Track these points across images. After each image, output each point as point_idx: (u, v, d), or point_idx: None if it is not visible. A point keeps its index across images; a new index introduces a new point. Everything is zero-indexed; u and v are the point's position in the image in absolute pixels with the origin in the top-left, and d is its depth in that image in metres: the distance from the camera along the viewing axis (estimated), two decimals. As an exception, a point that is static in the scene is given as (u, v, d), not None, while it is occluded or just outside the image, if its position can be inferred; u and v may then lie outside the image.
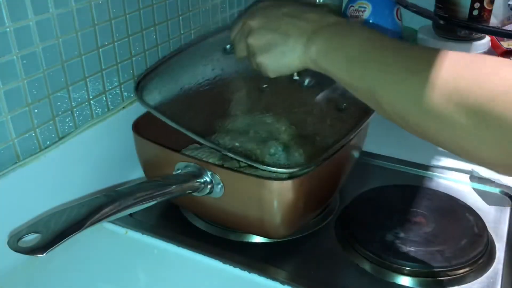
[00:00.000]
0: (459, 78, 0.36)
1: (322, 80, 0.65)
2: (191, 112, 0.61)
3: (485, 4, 0.84)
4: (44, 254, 0.40)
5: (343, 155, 0.57)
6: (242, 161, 0.54)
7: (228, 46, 0.67)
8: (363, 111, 0.64)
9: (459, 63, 0.38)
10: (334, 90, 0.69)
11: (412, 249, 0.56)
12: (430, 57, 0.39)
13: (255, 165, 0.52)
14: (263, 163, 0.53)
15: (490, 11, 0.86)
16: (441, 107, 0.37)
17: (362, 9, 0.89)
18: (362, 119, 0.62)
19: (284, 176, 0.52)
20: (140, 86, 0.60)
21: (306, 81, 0.62)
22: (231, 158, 0.55)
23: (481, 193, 0.68)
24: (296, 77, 0.61)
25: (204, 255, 0.56)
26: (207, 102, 0.62)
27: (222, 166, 0.53)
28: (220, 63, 0.67)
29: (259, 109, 0.60)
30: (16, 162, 0.56)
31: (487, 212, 0.64)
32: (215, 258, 0.55)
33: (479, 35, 0.87)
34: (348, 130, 0.59)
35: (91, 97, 0.64)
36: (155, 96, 0.60)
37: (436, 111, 0.38)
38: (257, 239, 0.60)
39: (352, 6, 0.90)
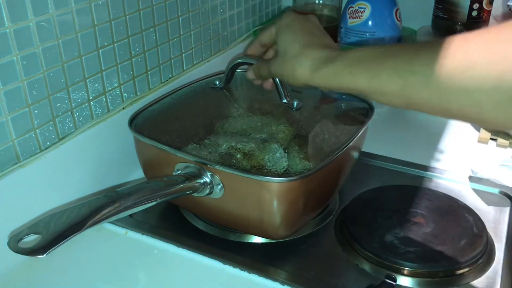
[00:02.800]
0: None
1: (309, 101, 0.67)
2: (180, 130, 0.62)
3: (484, 4, 0.84)
4: (45, 255, 0.40)
5: (343, 156, 0.57)
6: (241, 162, 0.54)
7: (217, 82, 0.68)
8: (363, 114, 0.65)
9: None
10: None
11: (411, 249, 0.56)
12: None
13: (247, 176, 0.52)
14: (255, 171, 0.53)
15: (489, 11, 0.86)
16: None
17: (362, 9, 0.89)
18: (362, 122, 0.62)
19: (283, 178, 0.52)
20: (133, 122, 0.63)
21: (295, 103, 0.62)
22: (231, 157, 0.55)
23: (480, 194, 0.68)
24: (284, 101, 0.62)
25: (204, 255, 0.56)
26: (198, 125, 0.63)
27: (222, 165, 0.53)
28: (210, 97, 0.69)
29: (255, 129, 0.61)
30: (16, 163, 0.56)
31: (487, 212, 0.64)
32: (215, 259, 0.55)
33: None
34: (348, 135, 0.60)
35: (91, 98, 0.64)
36: (147, 125, 0.62)
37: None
38: (257, 239, 0.60)
39: (351, 6, 0.90)
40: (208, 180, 0.53)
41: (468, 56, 0.38)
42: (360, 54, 0.47)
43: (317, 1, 0.99)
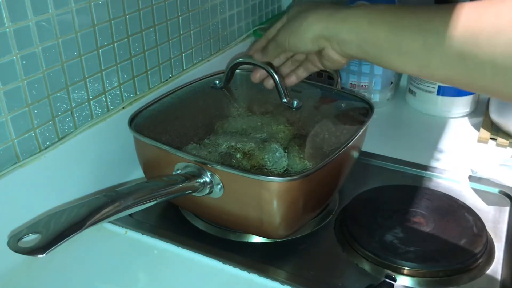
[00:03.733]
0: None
1: (309, 101, 0.66)
2: (179, 130, 0.62)
3: (484, 4, 0.84)
4: (44, 254, 0.40)
5: (343, 156, 0.57)
6: (241, 162, 0.54)
7: (217, 82, 0.68)
8: (363, 114, 0.65)
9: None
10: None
11: (411, 249, 0.56)
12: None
13: (246, 175, 0.52)
14: (255, 171, 0.53)
15: (489, 11, 0.86)
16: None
17: (361, 9, 0.89)
18: (362, 122, 0.62)
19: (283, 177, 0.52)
20: (133, 121, 0.62)
21: (295, 103, 0.62)
22: (231, 157, 0.55)
23: (480, 193, 0.68)
24: (284, 100, 0.62)
25: (204, 255, 0.56)
26: (197, 125, 0.63)
27: (221, 165, 0.53)
28: (210, 96, 0.69)
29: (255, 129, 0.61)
30: (16, 163, 0.56)
31: (486, 212, 0.64)
32: (215, 258, 0.55)
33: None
34: (348, 134, 0.60)
35: (90, 97, 0.64)
36: (147, 125, 0.62)
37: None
38: (257, 239, 0.60)
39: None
40: (208, 179, 0.53)
41: (499, 19, 0.36)
42: (379, 7, 0.45)
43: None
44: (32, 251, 0.40)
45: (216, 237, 0.61)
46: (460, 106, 0.90)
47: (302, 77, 0.61)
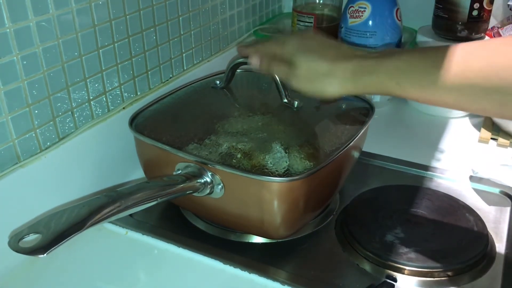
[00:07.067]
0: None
1: (310, 101, 0.66)
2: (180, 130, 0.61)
3: (484, 4, 0.84)
4: (45, 254, 0.40)
5: (344, 156, 0.57)
6: (241, 162, 0.54)
7: (217, 82, 0.68)
8: (364, 114, 0.64)
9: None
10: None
11: (412, 249, 0.56)
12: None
13: (245, 175, 0.52)
14: (256, 171, 0.53)
15: (490, 11, 0.86)
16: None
17: (362, 9, 0.89)
18: (362, 122, 0.62)
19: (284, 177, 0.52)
20: (134, 121, 0.62)
21: (296, 103, 0.62)
22: (231, 157, 0.55)
23: (481, 193, 0.68)
24: (285, 100, 0.62)
25: (204, 255, 0.56)
26: (198, 125, 0.63)
27: (222, 165, 0.53)
28: (211, 96, 0.69)
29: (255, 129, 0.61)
30: (16, 163, 0.56)
31: (487, 212, 0.64)
32: (215, 259, 0.55)
33: (478, 35, 0.87)
34: (349, 135, 0.59)
35: (91, 97, 0.64)
36: (147, 125, 0.62)
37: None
38: (257, 239, 0.60)
39: (351, 6, 0.90)
40: (208, 180, 0.53)
41: None
42: (401, 63, 0.45)
43: (317, 1, 0.99)
44: (33, 251, 0.40)
45: (216, 237, 0.61)
46: (461, 106, 0.90)
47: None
